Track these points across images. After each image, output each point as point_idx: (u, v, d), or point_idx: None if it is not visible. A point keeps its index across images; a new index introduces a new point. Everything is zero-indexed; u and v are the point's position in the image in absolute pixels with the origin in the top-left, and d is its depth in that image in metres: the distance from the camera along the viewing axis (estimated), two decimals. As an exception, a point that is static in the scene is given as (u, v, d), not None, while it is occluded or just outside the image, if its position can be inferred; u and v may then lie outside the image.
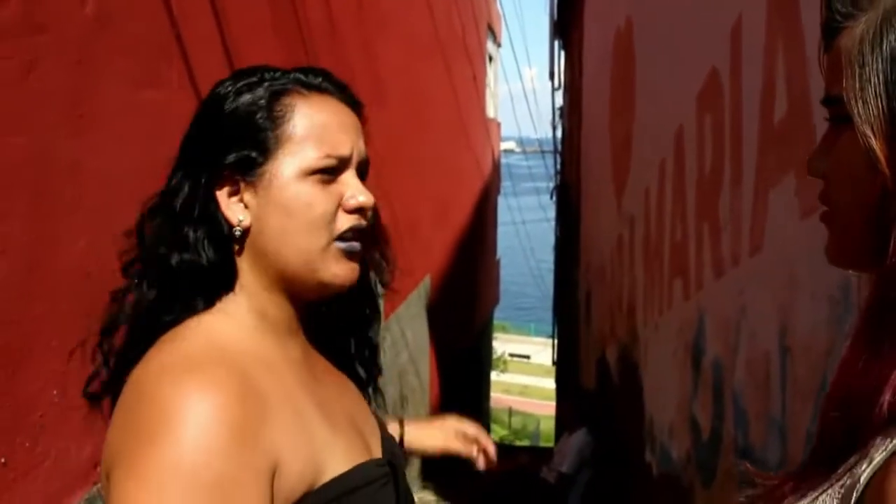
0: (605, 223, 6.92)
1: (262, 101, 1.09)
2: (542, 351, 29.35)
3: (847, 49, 0.74)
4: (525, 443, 19.96)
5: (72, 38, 2.18)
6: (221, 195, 1.09)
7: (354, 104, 1.17)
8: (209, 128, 1.10)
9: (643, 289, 4.76)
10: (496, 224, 16.11)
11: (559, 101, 14.41)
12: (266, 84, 1.11)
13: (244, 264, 1.10)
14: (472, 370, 13.18)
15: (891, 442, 0.70)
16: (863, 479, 0.71)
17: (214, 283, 1.09)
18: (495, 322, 19.88)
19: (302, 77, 1.14)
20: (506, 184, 18.20)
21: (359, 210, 1.12)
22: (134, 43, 2.51)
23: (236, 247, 1.10)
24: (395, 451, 1.25)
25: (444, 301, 9.55)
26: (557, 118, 14.60)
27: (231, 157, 1.07)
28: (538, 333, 33.70)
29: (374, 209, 1.16)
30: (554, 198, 14.23)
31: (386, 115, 6.15)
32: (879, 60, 0.71)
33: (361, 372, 1.31)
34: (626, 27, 5.67)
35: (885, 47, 0.71)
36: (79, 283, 2.21)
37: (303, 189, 1.08)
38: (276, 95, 1.10)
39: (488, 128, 14.64)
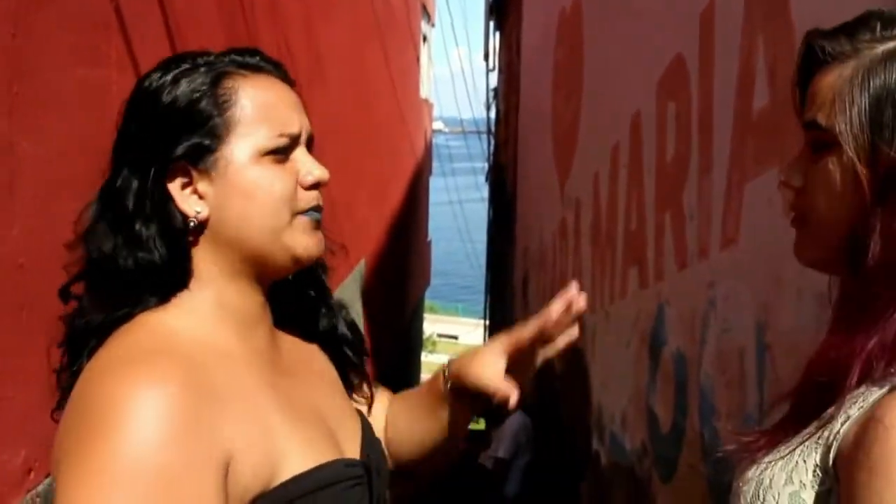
0: (546, 207, 6.85)
1: (204, 87, 1.06)
2: (470, 332, 29.37)
3: (835, 86, 0.92)
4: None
5: (6, 9, 2.00)
6: (174, 188, 1.05)
7: (290, 81, 1.16)
8: (151, 120, 1.06)
9: (591, 275, 4.70)
10: (428, 205, 16.09)
11: (493, 82, 14.38)
12: (203, 69, 1.08)
13: (203, 256, 1.07)
14: (404, 352, 13.14)
15: (864, 401, 0.86)
16: (842, 431, 0.87)
17: (168, 280, 1.05)
18: (425, 302, 19.85)
19: (238, 58, 1.11)
20: (437, 164, 18.16)
21: (315, 186, 1.11)
22: (71, 16, 2.32)
23: (191, 239, 1.07)
24: (376, 454, 1.21)
25: (377, 284, 9.44)
26: (491, 99, 14.56)
27: (181, 148, 1.04)
28: (466, 314, 33.75)
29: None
30: (488, 179, 14.20)
31: (326, 95, 6.00)
32: (865, 102, 0.89)
33: (350, 354, 1.32)
34: (572, 9, 5.60)
35: (871, 91, 0.89)
36: (12, 275, 2.04)
37: (260, 171, 1.06)
38: (217, 79, 1.07)
39: (421, 108, 14.54)
